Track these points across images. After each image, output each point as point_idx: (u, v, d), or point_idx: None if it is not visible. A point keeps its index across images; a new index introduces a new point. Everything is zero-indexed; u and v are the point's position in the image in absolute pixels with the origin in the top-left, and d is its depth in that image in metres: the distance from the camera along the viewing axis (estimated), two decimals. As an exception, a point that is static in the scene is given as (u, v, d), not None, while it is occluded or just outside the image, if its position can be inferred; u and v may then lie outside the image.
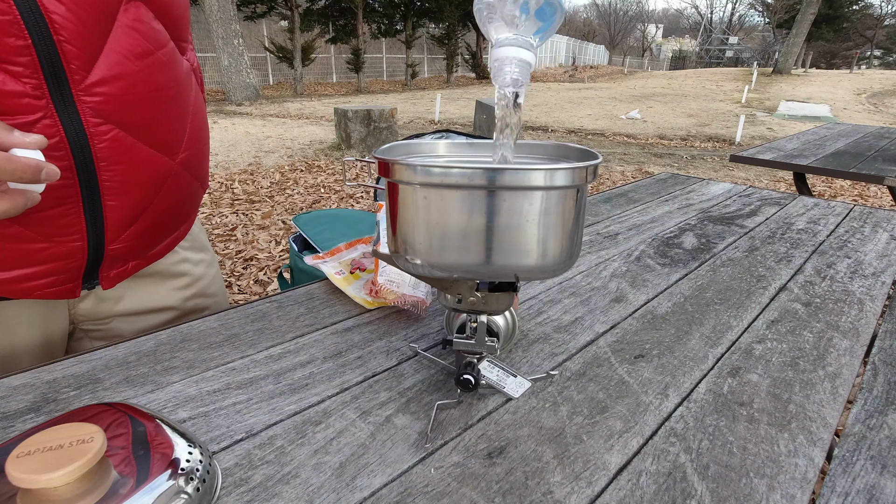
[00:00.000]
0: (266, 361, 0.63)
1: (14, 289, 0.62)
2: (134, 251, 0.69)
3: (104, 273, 0.68)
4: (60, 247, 0.61)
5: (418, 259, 0.50)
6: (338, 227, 1.56)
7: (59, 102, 0.53)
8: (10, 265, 0.60)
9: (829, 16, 25.80)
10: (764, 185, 4.98)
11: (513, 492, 0.45)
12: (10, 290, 0.62)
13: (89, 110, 0.55)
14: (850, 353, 0.69)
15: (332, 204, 3.92)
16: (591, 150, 0.53)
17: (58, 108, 0.53)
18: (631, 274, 0.92)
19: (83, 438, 0.38)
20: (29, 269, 0.61)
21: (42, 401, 0.54)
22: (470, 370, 0.53)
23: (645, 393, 0.59)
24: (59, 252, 0.61)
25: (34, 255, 0.60)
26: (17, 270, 0.60)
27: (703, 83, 15.46)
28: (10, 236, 0.57)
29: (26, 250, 0.59)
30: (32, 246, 0.59)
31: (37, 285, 0.62)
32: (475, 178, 0.46)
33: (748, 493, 0.46)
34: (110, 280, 0.70)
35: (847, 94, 13.25)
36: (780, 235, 1.14)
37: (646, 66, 41.87)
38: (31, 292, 0.63)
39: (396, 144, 0.59)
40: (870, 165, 2.32)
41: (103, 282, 0.69)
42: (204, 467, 0.43)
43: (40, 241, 0.59)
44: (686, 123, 8.62)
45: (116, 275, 0.70)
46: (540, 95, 12.32)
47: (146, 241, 0.70)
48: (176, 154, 0.67)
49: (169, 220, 0.73)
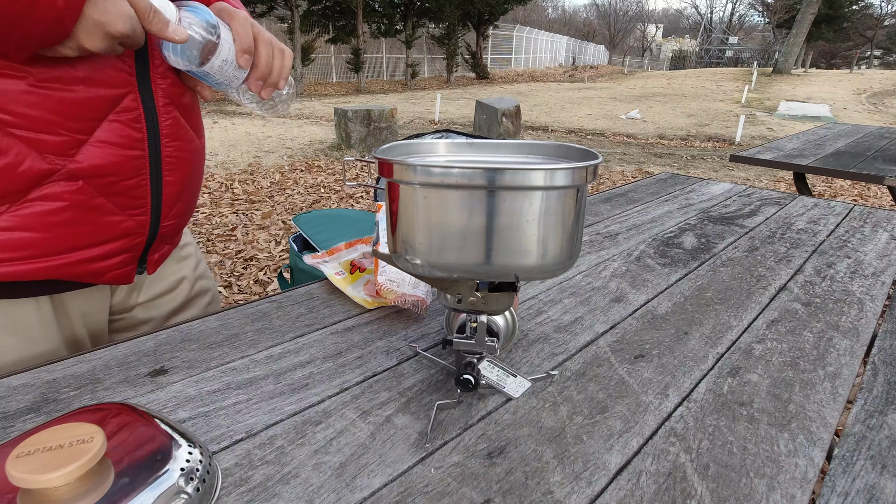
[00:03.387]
0: (266, 361, 0.63)
1: (88, 269, 0.64)
2: (174, 231, 0.75)
3: (150, 256, 0.73)
4: (131, 220, 0.65)
5: (418, 259, 0.50)
6: (338, 227, 1.56)
7: (142, 81, 0.61)
8: (90, 241, 0.63)
9: (829, 16, 25.80)
10: (764, 185, 4.98)
11: (513, 492, 0.45)
12: (84, 270, 0.64)
13: (161, 91, 0.63)
14: (850, 353, 0.69)
15: (332, 204, 3.92)
16: (591, 150, 0.53)
17: (141, 85, 0.61)
18: (631, 274, 0.92)
19: (83, 438, 0.38)
20: (104, 245, 0.65)
21: (42, 401, 0.54)
22: (470, 370, 0.53)
23: (645, 393, 0.59)
24: (130, 227, 0.66)
25: (111, 228, 0.64)
26: (95, 248, 0.64)
27: (703, 83, 15.46)
28: (95, 207, 0.61)
29: (106, 223, 0.63)
30: (111, 218, 0.63)
31: (108, 265, 0.66)
32: (475, 178, 0.46)
33: (748, 493, 0.46)
34: (153, 264, 0.74)
35: (847, 94, 13.25)
36: (780, 235, 1.14)
37: (646, 66, 41.88)
38: (102, 274, 0.66)
39: (396, 144, 0.59)
40: (870, 165, 2.32)
41: (149, 266, 0.73)
42: (204, 467, 0.43)
43: (117, 213, 0.64)
44: (686, 123, 8.62)
45: (158, 258, 0.75)
46: (540, 95, 12.32)
47: (183, 220, 0.76)
48: (201, 137, 0.76)
49: (194, 200, 0.79)
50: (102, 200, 0.61)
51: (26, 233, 0.57)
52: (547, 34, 28.73)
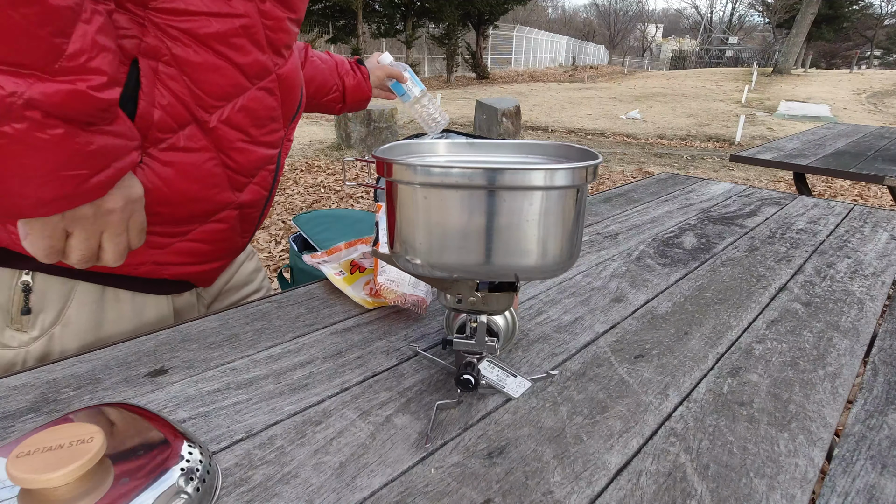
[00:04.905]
0: (266, 361, 0.63)
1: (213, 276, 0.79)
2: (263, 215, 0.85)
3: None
4: (243, 240, 0.79)
5: (418, 259, 0.50)
6: (338, 227, 1.56)
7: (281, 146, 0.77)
8: (223, 254, 0.76)
9: (829, 16, 25.80)
10: (764, 185, 4.98)
11: (513, 492, 0.45)
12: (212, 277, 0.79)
13: (285, 149, 0.78)
14: (850, 353, 0.69)
15: (332, 204, 3.92)
16: (592, 150, 0.53)
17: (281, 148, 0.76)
18: (631, 274, 0.92)
19: (83, 438, 0.38)
20: (226, 259, 0.79)
21: (42, 401, 0.54)
22: (470, 370, 0.53)
23: (645, 393, 0.59)
24: (241, 245, 0.79)
25: (235, 245, 0.78)
26: (224, 259, 0.78)
27: (703, 83, 15.46)
28: (234, 229, 0.74)
29: (235, 241, 0.76)
30: (239, 238, 0.77)
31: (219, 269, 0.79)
32: (475, 178, 0.46)
33: (748, 493, 0.46)
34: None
35: (847, 94, 13.25)
36: (780, 235, 1.14)
37: (646, 65, 41.87)
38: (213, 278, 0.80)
39: (396, 144, 0.59)
40: (870, 165, 2.32)
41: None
42: (204, 467, 0.43)
43: (241, 235, 0.77)
44: (686, 123, 8.62)
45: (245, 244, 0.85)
46: (540, 95, 12.32)
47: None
48: None
49: None
50: (241, 225, 0.75)
51: (201, 244, 0.71)
52: (547, 34, 28.73)
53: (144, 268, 0.68)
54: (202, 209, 0.67)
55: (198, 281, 0.77)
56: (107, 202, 0.53)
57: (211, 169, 0.65)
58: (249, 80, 0.64)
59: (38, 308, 0.64)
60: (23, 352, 0.64)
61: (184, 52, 0.58)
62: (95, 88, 0.47)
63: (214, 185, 0.67)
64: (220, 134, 0.64)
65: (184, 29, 0.57)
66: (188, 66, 0.59)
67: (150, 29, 0.56)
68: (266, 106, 0.68)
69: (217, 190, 0.67)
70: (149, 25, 0.56)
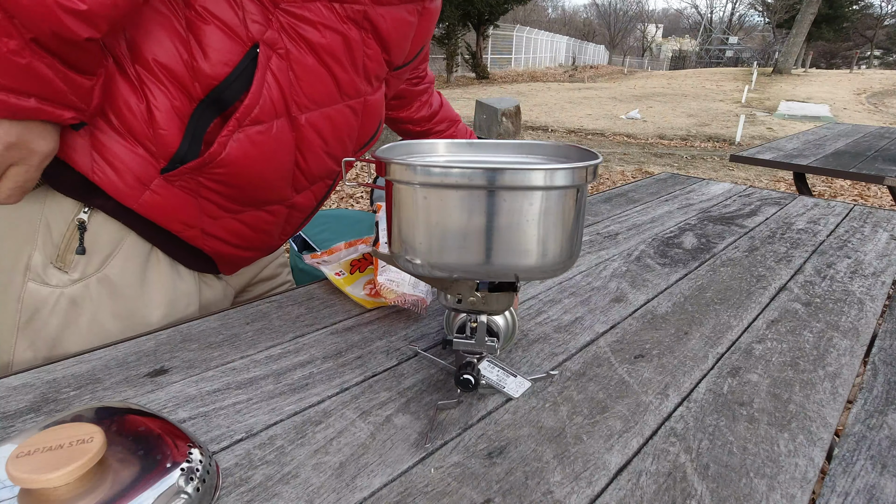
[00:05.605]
0: (266, 361, 0.63)
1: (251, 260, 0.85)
2: None
3: None
4: (280, 241, 0.84)
5: (418, 259, 0.50)
6: (337, 227, 1.56)
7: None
8: (265, 245, 0.82)
9: (829, 16, 25.80)
10: (764, 185, 4.98)
11: (513, 492, 0.45)
12: (250, 261, 0.85)
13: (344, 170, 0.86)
14: (850, 352, 0.69)
15: (332, 204, 3.92)
16: (591, 150, 0.53)
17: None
18: (631, 274, 0.92)
19: (83, 438, 0.38)
20: (264, 252, 0.84)
21: (42, 401, 0.54)
22: (470, 370, 0.53)
23: (645, 393, 0.59)
24: (277, 244, 0.85)
25: (274, 242, 0.83)
26: (262, 251, 0.83)
27: (703, 83, 15.45)
28: (280, 226, 0.80)
29: (275, 238, 0.82)
30: (279, 237, 0.82)
31: (256, 256, 0.84)
32: (475, 178, 0.46)
33: (748, 493, 0.46)
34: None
35: (847, 94, 13.25)
36: (780, 235, 1.14)
37: (646, 65, 41.86)
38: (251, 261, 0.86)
39: (396, 144, 0.59)
40: (870, 165, 2.32)
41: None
42: (204, 467, 0.43)
43: (282, 236, 0.83)
44: (686, 123, 8.62)
45: None
46: (540, 95, 12.32)
47: None
48: None
49: None
50: (284, 225, 0.80)
51: (247, 228, 0.75)
52: (547, 34, 28.73)
53: (192, 232, 0.70)
54: (263, 196, 0.72)
55: (223, 264, 0.79)
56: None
57: (286, 162, 0.70)
58: (341, 94, 0.71)
59: (87, 250, 0.65)
60: (57, 292, 0.64)
61: (297, 52, 0.64)
62: (65, 10, 0.46)
63: (282, 177, 0.71)
64: (304, 134, 0.69)
65: (300, 33, 0.64)
66: (297, 65, 0.65)
67: (274, 24, 0.62)
68: (348, 123, 0.74)
69: (283, 183, 0.72)
70: (274, 21, 0.62)
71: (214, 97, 0.62)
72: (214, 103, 0.62)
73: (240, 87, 0.62)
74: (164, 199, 0.65)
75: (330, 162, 0.76)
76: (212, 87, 0.61)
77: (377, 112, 0.80)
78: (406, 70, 0.87)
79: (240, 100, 0.62)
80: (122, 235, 0.66)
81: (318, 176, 0.77)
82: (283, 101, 0.65)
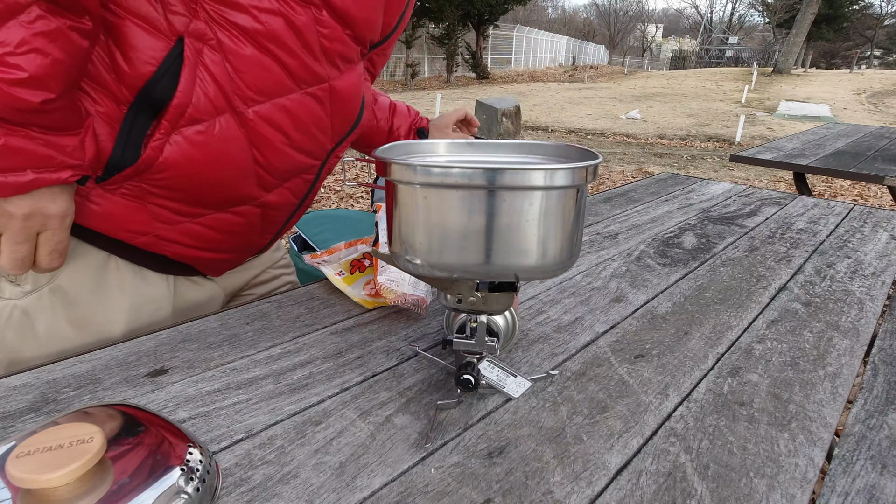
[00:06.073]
0: (266, 361, 0.63)
1: (225, 268, 0.81)
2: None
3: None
4: (262, 239, 0.81)
5: (418, 259, 0.50)
6: (337, 227, 1.56)
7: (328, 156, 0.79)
8: (238, 247, 0.78)
9: (829, 16, 25.80)
10: (764, 185, 4.98)
11: (513, 492, 0.45)
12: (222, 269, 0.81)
13: (330, 164, 0.80)
14: (850, 352, 0.69)
15: (332, 204, 3.92)
16: (592, 150, 0.53)
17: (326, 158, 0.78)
18: (631, 274, 0.92)
19: (83, 438, 0.38)
20: (241, 254, 0.81)
21: (42, 401, 0.54)
22: (470, 370, 0.53)
23: (645, 393, 0.59)
24: (259, 244, 0.81)
25: (251, 242, 0.79)
26: (238, 253, 0.80)
27: (703, 83, 15.45)
28: (254, 227, 0.75)
29: (253, 239, 0.78)
30: (257, 237, 0.79)
31: (234, 262, 0.82)
32: (475, 178, 0.46)
33: (748, 493, 0.46)
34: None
35: (847, 93, 13.24)
36: (780, 235, 1.14)
37: (646, 65, 41.86)
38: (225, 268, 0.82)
39: (396, 144, 0.59)
40: (870, 165, 2.32)
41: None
42: (204, 467, 0.43)
43: (261, 235, 0.79)
44: (686, 123, 8.62)
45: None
46: (540, 95, 12.32)
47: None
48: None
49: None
50: (261, 225, 0.76)
51: (211, 231, 0.71)
52: (547, 34, 28.72)
53: (144, 238, 0.67)
54: (220, 197, 0.68)
55: (202, 267, 0.76)
56: (7, 205, 0.53)
57: (242, 161, 0.65)
58: (296, 82, 0.64)
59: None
60: (10, 305, 0.63)
61: (232, 42, 0.59)
62: (10, 83, 0.46)
63: (241, 177, 0.67)
64: (256, 129, 0.64)
65: (232, 21, 0.58)
66: (233, 56, 0.59)
67: (200, 14, 0.57)
68: (312, 113, 0.68)
69: (243, 183, 0.68)
70: (200, 11, 0.57)
71: (144, 98, 0.58)
72: (147, 105, 0.58)
73: (168, 84, 0.57)
74: (104, 208, 0.62)
75: (299, 156, 0.70)
76: (138, 88, 0.57)
77: (352, 97, 0.72)
78: (391, 43, 0.79)
79: (171, 99, 0.58)
80: (72, 246, 0.64)
81: (289, 172, 0.71)
82: (222, 97, 0.60)
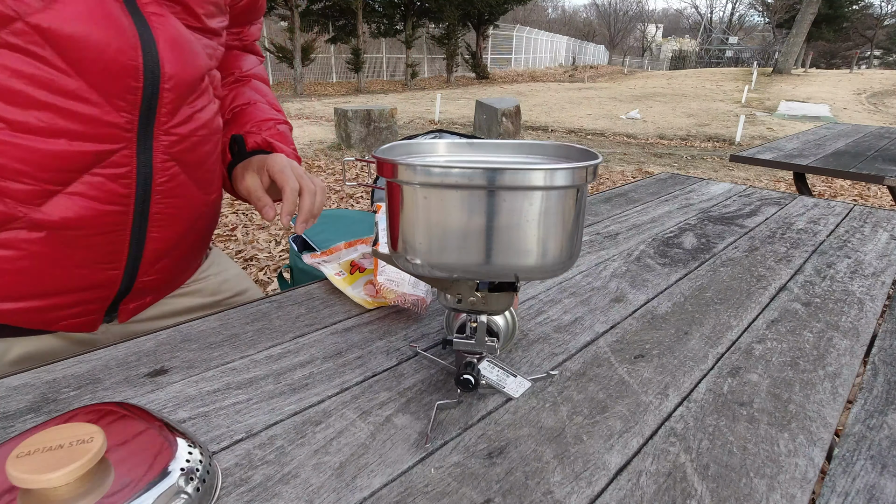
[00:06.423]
0: (266, 361, 0.63)
1: (38, 318, 0.64)
2: (158, 285, 0.73)
3: (124, 306, 0.71)
4: (99, 274, 0.63)
5: (418, 259, 0.50)
6: (337, 227, 1.56)
7: (142, 138, 0.59)
8: (45, 290, 0.61)
9: (829, 16, 25.79)
10: (764, 185, 4.98)
11: (513, 492, 0.45)
12: (36, 319, 0.64)
13: (162, 148, 0.61)
14: (850, 352, 0.69)
15: (332, 204, 3.92)
16: (591, 150, 0.53)
17: (139, 142, 0.59)
18: (631, 274, 0.92)
19: (83, 438, 0.38)
20: (63, 297, 0.62)
21: (42, 401, 0.54)
22: (470, 370, 0.53)
23: (645, 393, 0.59)
24: (97, 280, 0.63)
25: (73, 281, 0.61)
26: (51, 298, 0.62)
27: (703, 83, 15.45)
28: (57, 259, 0.59)
29: (68, 275, 0.61)
30: (75, 271, 0.61)
31: (63, 315, 0.65)
32: (475, 178, 0.46)
33: (748, 493, 0.46)
34: (128, 313, 0.73)
35: (847, 94, 13.24)
36: (780, 235, 1.14)
37: (646, 65, 41.86)
38: (55, 322, 0.65)
39: (396, 144, 0.59)
40: (870, 165, 2.32)
41: (121, 315, 0.72)
42: (204, 467, 0.43)
43: (83, 266, 0.61)
44: (686, 123, 8.62)
45: (135, 307, 0.73)
46: (540, 95, 12.32)
47: (171, 275, 0.74)
48: (211, 193, 0.73)
49: (193, 255, 0.77)
50: (68, 253, 0.58)
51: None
52: (547, 34, 28.73)
53: None
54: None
55: (25, 324, 0.62)
56: None
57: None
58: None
59: None
60: None
61: None
62: None
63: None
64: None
65: None
66: None
67: None
68: (18, 73, 0.49)
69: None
70: None
71: None
72: None
73: None
74: None
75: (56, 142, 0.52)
76: None
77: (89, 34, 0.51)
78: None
79: None
80: None
81: (47, 170, 0.53)
82: None
